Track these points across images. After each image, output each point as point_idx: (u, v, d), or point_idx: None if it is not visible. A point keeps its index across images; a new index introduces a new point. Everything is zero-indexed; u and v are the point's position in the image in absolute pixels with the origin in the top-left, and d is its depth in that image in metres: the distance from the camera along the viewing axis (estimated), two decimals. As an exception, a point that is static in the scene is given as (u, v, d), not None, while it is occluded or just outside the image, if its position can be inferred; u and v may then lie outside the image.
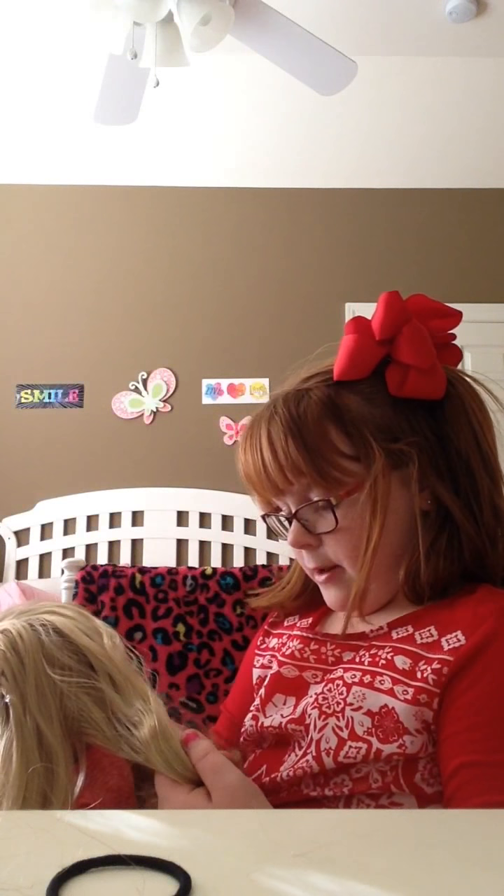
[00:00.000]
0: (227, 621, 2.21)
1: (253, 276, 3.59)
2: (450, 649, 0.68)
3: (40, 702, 0.63)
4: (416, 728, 0.66)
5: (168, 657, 2.12)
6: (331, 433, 0.77)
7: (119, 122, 2.55)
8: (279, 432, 0.78)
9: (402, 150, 3.39)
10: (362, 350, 0.79)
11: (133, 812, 0.48)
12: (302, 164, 3.48)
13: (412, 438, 0.77)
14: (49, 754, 0.61)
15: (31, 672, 0.64)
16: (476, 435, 0.79)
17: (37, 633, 0.66)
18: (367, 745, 0.67)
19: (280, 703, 0.80)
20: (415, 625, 0.74)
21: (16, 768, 0.60)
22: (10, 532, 3.33)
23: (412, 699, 0.67)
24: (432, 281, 3.49)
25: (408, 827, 0.46)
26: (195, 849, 0.42)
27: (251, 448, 0.81)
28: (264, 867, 0.39)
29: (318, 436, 0.77)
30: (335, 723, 0.71)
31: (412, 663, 0.70)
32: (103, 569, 2.26)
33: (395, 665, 0.71)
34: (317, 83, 2.37)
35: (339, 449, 0.77)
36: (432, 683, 0.67)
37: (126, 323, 3.53)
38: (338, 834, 0.44)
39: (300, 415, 0.78)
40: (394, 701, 0.68)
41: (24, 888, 0.36)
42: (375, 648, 0.75)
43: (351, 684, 0.72)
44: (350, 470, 0.77)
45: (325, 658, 0.80)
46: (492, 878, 0.38)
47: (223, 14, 1.93)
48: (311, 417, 0.77)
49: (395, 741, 0.66)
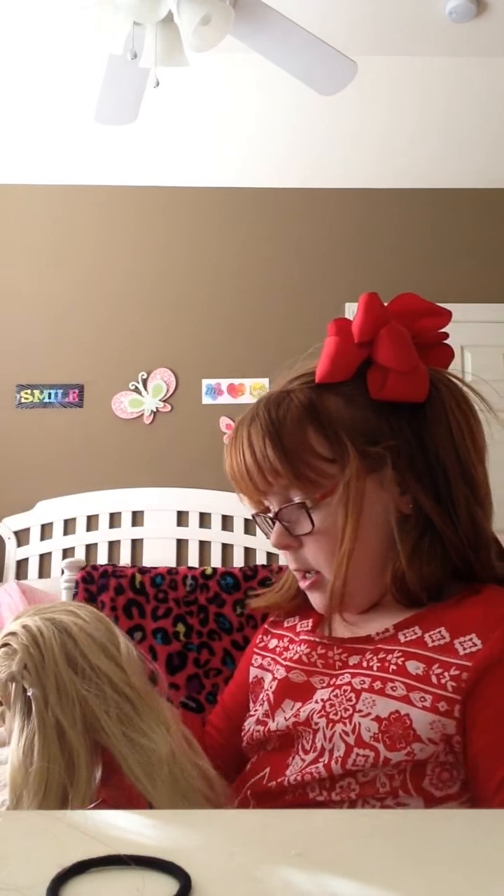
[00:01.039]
0: (228, 621, 2.21)
1: (253, 276, 3.59)
2: (466, 654, 0.67)
3: (61, 697, 0.63)
4: (429, 737, 0.65)
5: (168, 657, 2.12)
6: (309, 435, 0.77)
7: (119, 122, 2.55)
8: (258, 434, 0.78)
9: (402, 150, 3.39)
10: (343, 352, 0.78)
11: (133, 812, 0.48)
12: (302, 164, 3.48)
13: (391, 442, 0.76)
14: (69, 749, 0.62)
15: (52, 668, 0.64)
16: (455, 441, 0.77)
17: (58, 631, 0.67)
18: (375, 753, 0.67)
19: (288, 708, 0.79)
20: (423, 626, 0.73)
21: (37, 761, 0.60)
22: (10, 532, 3.33)
23: (431, 707, 0.66)
24: (432, 281, 3.49)
25: (408, 827, 0.46)
26: (195, 849, 0.42)
27: (234, 450, 0.81)
28: (264, 867, 0.39)
29: (296, 438, 0.76)
30: (342, 728, 0.70)
31: (426, 668, 0.69)
32: (103, 569, 2.25)
33: (407, 671, 0.70)
34: (317, 83, 2.37)
35: (316, 451, 0.76)
36: (452, 690, 0.66)
37: (126, 323, 3.53)
38: (338, 834, 0.44)
39: (279, 417, 0.78)
40: (409, 707, 0.67)
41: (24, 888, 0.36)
42: (383, 652, 0.73)
43: (360, 690, 0.71)
44: (326, 472, 0.76)
45: (332, 663, 0.79)
46: (492, 878, 0.38)
47: (223, 14, 1.93)
48: (289, 420, 0.77)
49: (402, 749, 0.65)
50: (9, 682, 0.65)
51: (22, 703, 0.64)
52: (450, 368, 0.84)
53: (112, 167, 3.49)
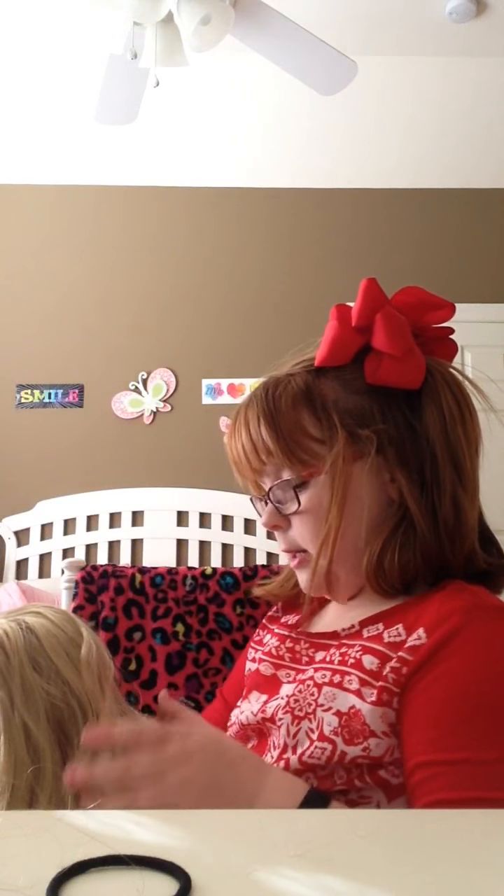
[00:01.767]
0: (227, 621, 2.21)
1: (253, 276, 3.59)
2: (409, 647, 0.68)
3: (27, 699, 0.63)
4: (382, 731, 0.66)
5: (167, 657, 2.12)
6: (303, 416, 0.79)
7: (119, 122, 2.55)
8: (254, 415, 0.80)
9: (402, 150, 3.39)
10: (341, 337, 0.80)
11: (133, 812, 0.48)
12: (301, 164, 3.48)
13: (381, 426, 0.77)
14: (36, 751, 0.62)
15: (17, 670, 0.64)
16: (446, 427, 0.77)
17: (23, 633, 0.67)
18: (332, 746, 0.67)
19: (254, 699, 0.81)
20: (385, 623, 0.74)
21: (3, 764, 0.60)
22: (10, 532, 3.33)
23: (377, 700, 0.67)
24: (432, 281, 3.48)
25: (408, 827, 0.46)
26: (195, 849, 0.42)
27: (234, 431, 0.84)
28: (264, 867, 0.39)
29: (290, 418, 0.78)
30: (308, 725, 0.70)
31: (380, 663, 0.69)
32: (103, 569, 2.25)
33: (362, 665, 0.70)
34: (317, 83, 2.37)
35: (308, 431, 0.78)
36: (392, 682, 0.67)
37: (126, 323, 3.53)
38: (338, 834, 0.44)
39: (275, 398, 0.80)
40: (360, 702, 0.68)
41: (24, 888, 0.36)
42: (346, 647, 0.74)
43: (321, 684, 0.72)
44: (316, 452, 0.78)
45: (298, 657, 0.81)
46: (492, 878, 0.38)
47: (223, 14, 1.93)
48: (285, 401, 0.79)
49: (359, 743, 0.66)
50: None
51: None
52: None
53: (112, 167, 3.49)
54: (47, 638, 0.67)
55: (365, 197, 3.63)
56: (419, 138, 3.31)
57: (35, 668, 0.65)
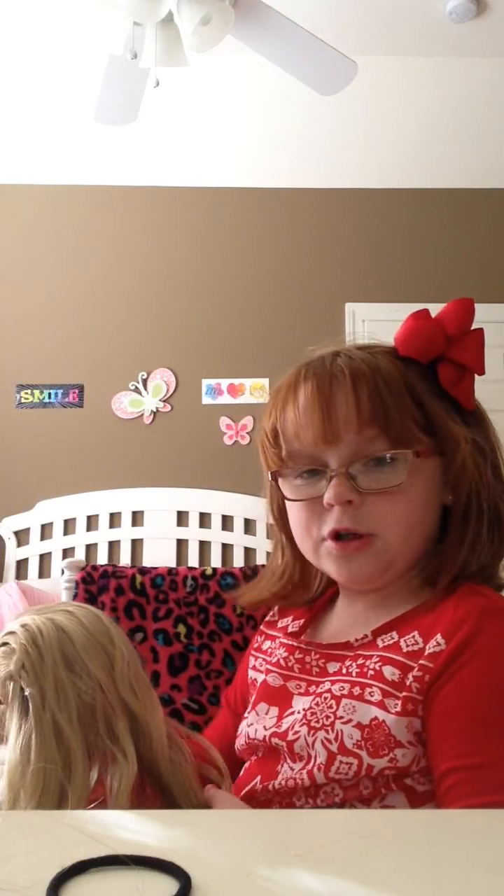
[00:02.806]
0: (228, 622, 2.21)
1: (253, 276, 3.59)
2: (429, 654, 0.68)
3: (59, 697, 0.63)
4: (408, 740, 0.66)
5: (169, 658, 2.12)
6: (406, 397, 0.76)
7: (119, 122, 2.55)
8: (364, 374, 0.75)
9: (402, 150, 3.39)
10: (435, 336, 0.80)
11: (133, 812, 0.48)
12: (302, 164, 3.48)
13: (467, 433, 0.79)
14: (67, 749, 0.62)
15: (50, 667, 0.64)
16: (494, 446, 0.82)
17: (57, 630, 0.67)
18: (358, 760, 0.67)
19: (263, 712, 0.80)
20: (399, 631, 0.73)
21: (35, 761, 0.60)
22: (10, 532, 3.33)
23: (402, 710, 0.67)
24: (432, 281, 3.49)
25: (408, 827, 0.46)
26: (195, 849, 0.42)
27: (318, 390, 0.76)
28: (264, 867, 0.39)
29: (398, 393, 0.75)
30: (324, 736, 0.70)
31: (401, 674, 0.69)
32: (103, 569, 2.25)
33: (384, 676, 0.70)
34: (317, 83, 2.37)
35: (414, 415, 0.76)
36: (416, 692, 0.67)
37: (126, 323, 3.53)
38: (338, 834, 0.44)
39: (381, 367, 0.76)
40: (384, 714, 0.67)
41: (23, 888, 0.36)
42: (363, 658, 0.73)
43: (340, 697, 0.71)
44: (421, 438, 0.76)
45: (309, 668, 0.79)
46: (492, 878, 0.38)
47: (223, 14, 1.93)
48: (391, 374, 0.76)
49: (385, 755, 0.66)
50: (7, 681, 0.65)
51: (20, 702, 0.64)
52: None
53: (112, 167, 3.49)
54: (80, 636, 0.67)
55: (365, 197, 3.63)
56: (419, 138, 3.31)
57: (68, 666, 0.65)
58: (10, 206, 3.57)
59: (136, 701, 0.68)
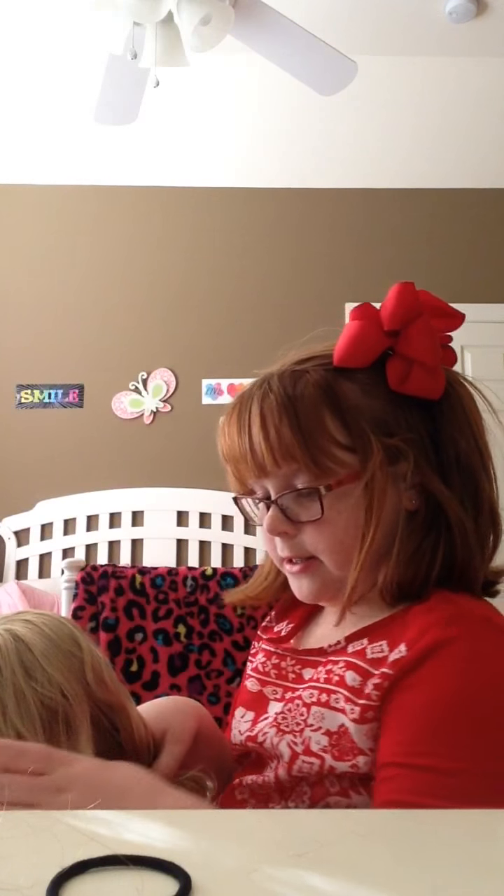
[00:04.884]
0: (228, 622, 2.21)
1: (253, 276, 3.59)
2: (391, 662, 0.67)
3: (20, 708, 0.63)
4: (369, 747, 0.65)
5: (169, 658, 2.12)
6: (326, 420, 0.73)
7: (119, 122, 2.55)
8: (273, 411, 0.73)
9: (402, 150, 3.39)
10: (368, 338, 0.76)
11: (133, 812, 0.48)
12: (301, 164, 3.48)
13: (408, 435, 0.74)
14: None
15: (10, 679, 0.64)
16: (476, 436, 0.76)
17: (14, 641, 0.66)
18: (321, 761, 0.67)
19: (240, 716, 0.80)
20: (371, 638, 0.72)
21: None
22: (10, 532, 3.33)
23: (359, 718, 0.66)
24: (432, 281, 3.47)
25: (408, 827, 0.46)
26: (195, 849, 0.42)
27: (239, 425, 0.76)
28: (264, 867, 0.39)
29: (314, 420, 0.72)
30: (290, 739, 0.70)
31: (362, 680, 0.68)
32: (103, 569, 2.25)
33: (345, 682, 0.69)
34: (317, 83, 2.37)
35: (335, 437, 0.73)
36: (374, 699, 0.66)
37: (126, 323, 3.54)
38: (338, 834, 0.44)
39: (296, 395, 0.73)
40: (346, 720, 0.67)
41: (24, 888, 0.36)
42: (331, 664, 0.73)
43: (310, 704, 0.71)
44: (343, 460, 0.73)
45: (285, 674, 0.79)
46: (492, 878, 0.38)
47: (223, 14, 1.93)
48: (307, 400, 0.73)
49: (348, 760, 0.66)
50: None
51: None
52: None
53: (112, 167, 3.49)
54: (38, 645, 0.67)
55: (365, 197, 3.63)
56: (419, 138, 3.31)
57: (28, 676, 0.65)
58: (10, 206, 3.57)
59: (112, 695, 0.69)
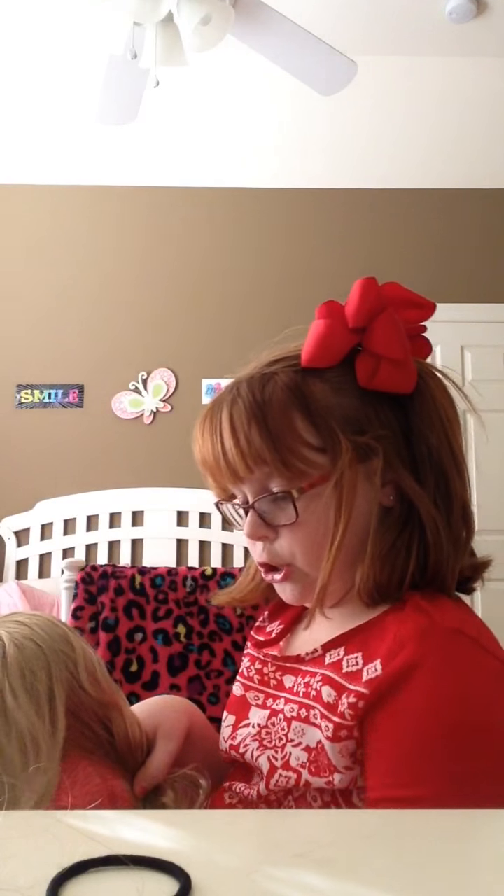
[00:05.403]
0: (228, 622, 2.21)
1: (253, 275, 3.59)
2: (366, 680, 0.65)
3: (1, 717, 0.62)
4: (344, 765, 0.65)
5: (169, 658, 2.12)
6: (296, 422, 0.72)
7: (119, 122, 2.55)
8: (242, 417, 0.73)
9: (402, 150, 3.40)
10: (334, 336, 0.75)
11: (133, 812, 0.48)
12: (302, 164, 3.49)
13: (379, 432, 0.73)
14: (10, 768, 0.61)
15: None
16: (447, 432, 0.75)
17: (5, 646, 0.66)
18: (297, 775, 0.67)
19: (224, 722, 0.80)
20: (347, 647, 0.71)
21: None
22: (10, 532, 3.33)
23: (333, 736, 0.65)
24: (432, 281, 3.49)
25: (408, 827, 0.46)
26: (195, 849, 0.42)
27: (210, 432, 0.76)
28: (264, 867, 0.39)
29: (283, 423, 0.72)
30: (272, 754, 0.70)
31: (336, 697, 0.67)
32: (103, 569, 2.25)
33: (322, 697, 0.68)
34: (317, 83, 2.37)
35: (305, 439, 0.72)
36: (349, 718, 0.65)
37: (126, 323, 3.54)
38: (338, 834, 0.44)
39: (265, 400, 0.73)
40: (322, 738, 0.67)
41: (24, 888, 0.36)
42: (309, 675, 0.72)
43: (291, 719, 0.71)
44: (314, 462, 0.72)
45: (266, 680, 0.79)
46: (492, 878, 0.38)
47: (223, 14, 1.93)
48: (276, 403, 0.73)
49: (324, 776, 0.65)
50: None
51: None
52: (449, 368, 0.83)
53: (112, 167, 3.49)
54: (29, 650, 0.66)
55: (364, 197, 3.64)
56: (418, 138, 3.31)
57: (17, 684, 0.64)
58: (10, 206, 3.57)
59: (106, 695, 0.69)
